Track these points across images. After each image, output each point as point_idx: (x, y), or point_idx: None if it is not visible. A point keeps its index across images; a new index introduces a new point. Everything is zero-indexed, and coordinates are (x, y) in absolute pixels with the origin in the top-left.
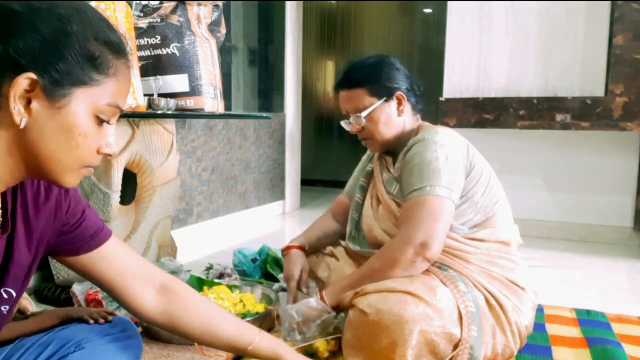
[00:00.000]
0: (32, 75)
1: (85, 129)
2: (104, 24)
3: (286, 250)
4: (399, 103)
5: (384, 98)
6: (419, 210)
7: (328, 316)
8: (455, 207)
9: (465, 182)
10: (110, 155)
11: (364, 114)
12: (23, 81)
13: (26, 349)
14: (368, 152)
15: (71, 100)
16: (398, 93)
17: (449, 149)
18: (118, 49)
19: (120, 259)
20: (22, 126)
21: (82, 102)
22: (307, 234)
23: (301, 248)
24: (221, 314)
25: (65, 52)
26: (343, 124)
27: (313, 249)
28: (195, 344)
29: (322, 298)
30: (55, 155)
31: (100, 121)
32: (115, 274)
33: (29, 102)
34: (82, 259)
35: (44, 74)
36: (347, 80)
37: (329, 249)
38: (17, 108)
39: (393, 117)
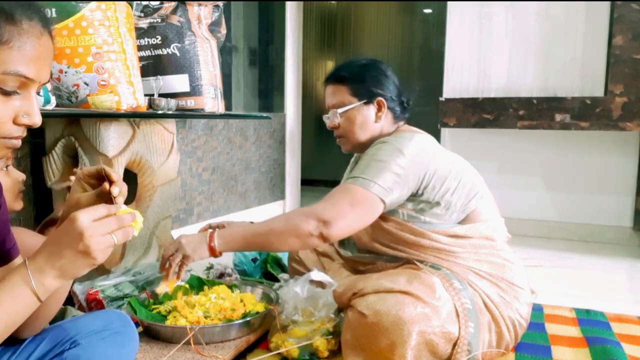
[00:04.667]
0: None
1: None
2: None
3: None
4: (379, 109)
5: (364, 100)
6: (340, 194)
7: (332, 293)
8: (383, 209)
9: (431, 184)
10: (31, 126)
11: (340, 110)
12: None
13: (17, 347)
14: (355, 155)
15: None
16: (379, 99)
17: (406, 158)
18: (10, 15)
19: None
20: None
21: None
22: None
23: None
24: None
25: None
26: (324, 117)
27: None
28: (192, 345)
29: (211, 237)
30: None
31: (3, 92)
32: None
33: None
34: None
35: None
36: (334, 75)
37: (323, 248)
38: None
39: (369, 120)
